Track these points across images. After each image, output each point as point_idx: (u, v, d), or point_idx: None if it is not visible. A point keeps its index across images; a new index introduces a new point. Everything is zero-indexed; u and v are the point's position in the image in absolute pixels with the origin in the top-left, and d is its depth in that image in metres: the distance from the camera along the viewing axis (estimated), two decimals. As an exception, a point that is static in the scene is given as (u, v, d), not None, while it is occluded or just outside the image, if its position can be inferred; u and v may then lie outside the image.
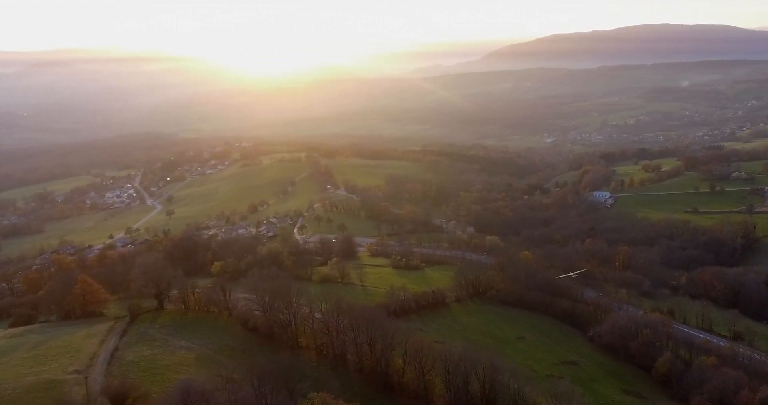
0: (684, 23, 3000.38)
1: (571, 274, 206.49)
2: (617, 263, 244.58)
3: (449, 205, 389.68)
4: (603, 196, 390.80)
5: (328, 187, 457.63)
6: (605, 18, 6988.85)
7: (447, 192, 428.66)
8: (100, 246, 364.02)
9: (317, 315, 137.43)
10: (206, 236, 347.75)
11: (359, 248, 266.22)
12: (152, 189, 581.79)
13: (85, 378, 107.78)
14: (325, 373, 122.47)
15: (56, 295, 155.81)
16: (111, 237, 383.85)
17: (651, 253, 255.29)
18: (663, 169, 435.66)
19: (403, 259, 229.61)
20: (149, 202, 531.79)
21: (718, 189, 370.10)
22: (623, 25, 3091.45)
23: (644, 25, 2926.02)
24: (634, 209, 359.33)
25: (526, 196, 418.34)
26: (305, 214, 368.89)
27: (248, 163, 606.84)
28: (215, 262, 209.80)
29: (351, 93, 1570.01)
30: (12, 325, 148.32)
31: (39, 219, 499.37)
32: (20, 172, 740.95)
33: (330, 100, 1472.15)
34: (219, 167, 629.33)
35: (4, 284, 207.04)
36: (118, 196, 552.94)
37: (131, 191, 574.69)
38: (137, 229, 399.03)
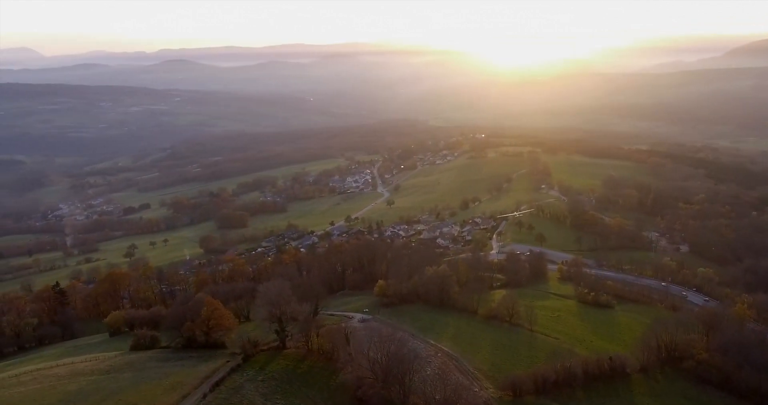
0: None
1: (516, 213, 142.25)
2: None
3: (664, 218, 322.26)
4: None
5: (543, 186, 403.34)
6: None
7: (664, 201, 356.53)
8: (320, 232, 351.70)
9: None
10: (410, 233, 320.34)
11: (551, 266, 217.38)
12: (386, 176, 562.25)
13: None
14: None
15: (180, 317, 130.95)
16: (332, 224, 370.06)
17: None
18: None
19: (591, 294, 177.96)
20: (380, 188, 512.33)
21: None
22: None
23: None
24: None
25: (754, 212, 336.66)
26: (509, 217, 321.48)
27: (474, 155, 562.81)
28: (379, 281, 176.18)
29: (588, 87, 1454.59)
30: (132, 348, 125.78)
31: (287, 198, 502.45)
32: (292, 151, 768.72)
33: (568, 93, 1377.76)
34: (448, 158, 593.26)
35: (177, 287, 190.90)
36: (356, 181, 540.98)
37: (368, 177, 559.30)
38: (356, 218, 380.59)
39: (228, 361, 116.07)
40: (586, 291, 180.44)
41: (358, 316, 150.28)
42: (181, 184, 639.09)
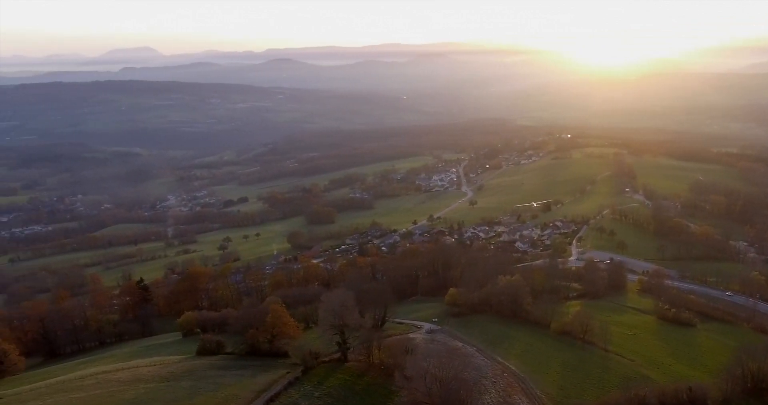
0: None
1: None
2: None
3: (753, 226, 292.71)
4: None
5: (627, 189, 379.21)
6: None
7: (754, 208, 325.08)
8: (402, 231, 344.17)
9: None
10: (490, 235, 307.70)
11: (630, 277, 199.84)
12: (471, 175, 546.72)
13: None
14: None
15: (246, 322, 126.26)
16: (414, 223, 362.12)
17: None
18: None
19: (672, 310, 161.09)
20: (464, 188, 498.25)
21: None
22: None
23: None
24: None
25: None
26: (591, 221, 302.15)
27: (559, 155, 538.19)
28: (450, 289, 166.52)
29: (678, 87, 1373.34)
30: (198, 353, 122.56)
31: (375, 195, 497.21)
32: (383, 148, 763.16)
33: (657, 93, 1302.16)
34: (533, 158, 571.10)
35: (254, 285, 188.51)
36: (441, 180, 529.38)
37: (453, 176, 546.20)
38: (438, 218, 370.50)
39: (288, 372, 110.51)
40: (666, 307, 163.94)
41: (427, 325, 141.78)
42: (278, 178, 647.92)
